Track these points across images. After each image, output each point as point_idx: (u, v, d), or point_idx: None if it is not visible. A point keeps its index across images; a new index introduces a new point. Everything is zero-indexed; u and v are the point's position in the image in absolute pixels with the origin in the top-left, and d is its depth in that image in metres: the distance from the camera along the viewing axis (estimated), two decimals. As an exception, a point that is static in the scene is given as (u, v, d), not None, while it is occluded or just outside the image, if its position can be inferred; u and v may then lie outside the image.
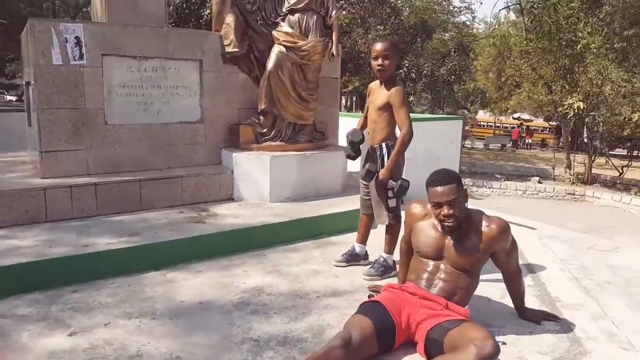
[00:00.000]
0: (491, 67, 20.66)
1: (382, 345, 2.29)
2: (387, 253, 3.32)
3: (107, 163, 4.19)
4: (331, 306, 2.87)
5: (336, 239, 4.08)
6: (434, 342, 2.27)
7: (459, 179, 2.48)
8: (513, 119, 34.53)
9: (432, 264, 2.58)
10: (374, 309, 2.38)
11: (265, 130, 4.70)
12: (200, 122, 4.62)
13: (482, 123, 36.32)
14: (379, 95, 3.17)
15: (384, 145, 3.18)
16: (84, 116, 4.03)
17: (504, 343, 2.49)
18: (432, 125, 5.87)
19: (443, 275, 2.53)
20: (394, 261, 3.35)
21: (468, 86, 17.70)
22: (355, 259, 3.48)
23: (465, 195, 2.48)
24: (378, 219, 3.26)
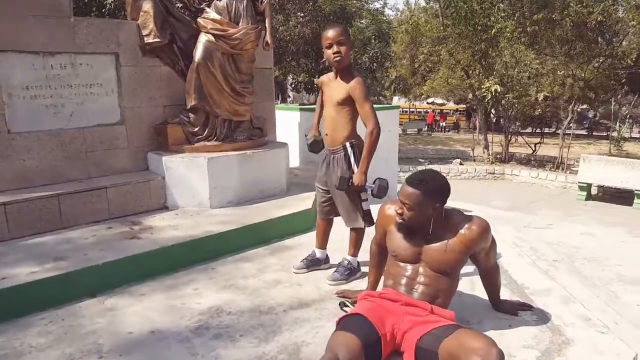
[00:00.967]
0: (404, 54, 21.12)
1: None
2: (352, 255, 3.08)
3: (16, 178, 3.57)
4: (301, 319, 2.58)
5: (290, 242, 3.78)
6: (425, 352, 2.07)
7: (431, 190, 2.24)
8: (427, 103, 35.81)
9: (411, 267, 2.38)
10: (357, 324, 2.12)
11: (197, 129, 4.26)
12: (121, 124, 4.10)
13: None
14: (336, 88, 2.87)
15: (348, 145, 2.88)
16: (-20, 125, 3.41)
17: None
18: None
19: (423, 278, 2.35)
20: (359, 263, 3.13)
21: (390, 73, 17.94)
22: (316, 263, 3.21)
23: (432, 207, 2.24)
24: (350, 223, 2.99)
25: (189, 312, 2.65)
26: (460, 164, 14.81)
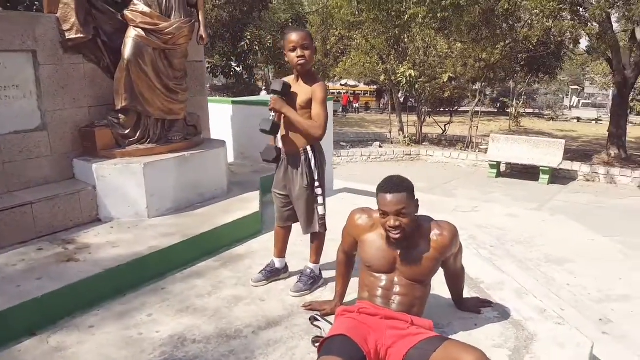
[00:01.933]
0: (315, 35, 21.01)
1: None
2: (314, 263, 3.00)
3: None
4: (273, 341, 2.47)
5: (240, 250, 3.61)
6: (414, 368, 2.05)
7: (411, 188, 2.25)
8: (340, 85, 36.23)
9: (385, 277, 2.36)
10: (342, 345, 2.06)
11: (128, 132, 3.91)
12: (42, 129, 3.65)
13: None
14: (298, 93, 2.74)
15: (309, 148, 2.79)
16: None
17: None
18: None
19: (398, 288, 2.34)
20: (321, 270, 3.05)
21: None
22: (275, 274, 3.09)
23: (416, 205, 2.26)
24: (308, 229, 2.90)
25: (149, 344, 2.43)
26: (380, 146, 15.18)
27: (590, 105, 34.57)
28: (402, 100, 19.46)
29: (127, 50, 3.67)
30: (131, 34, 3.70)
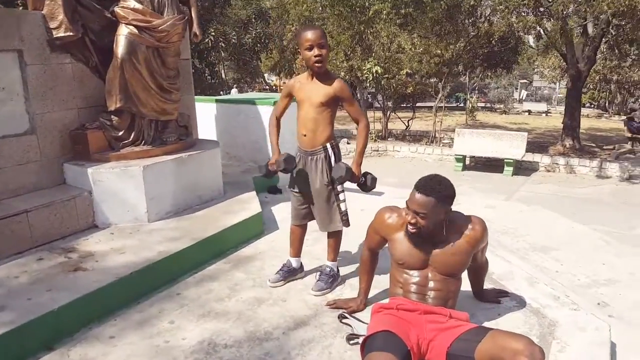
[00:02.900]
0: (273, 31, 20.82)
1: None
2: (332, 261, 2.98)
3: None
4: (307, 340, 2.44)
5: (248, 251, 3.54)
6: (459, 359, 2.07)
7: (443, 196, 2.22)
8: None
9: (419, 273, 2.37)
10: (388, 341, 2.06)
11: (122, 134, 3.76)
12: (31, 133, 3.45)
13: (275, 87, 37.17)
14: (315, 90, 2.73)
15: (328, 145, 2.80)
16: None
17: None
18: (295, 105, 5.53)
19: (433, 284, 2.35)
20: (338, 268, 3.04)
21: (274, 55, 17.55)
22: (292, 274, 3.05)
23: (445, 212, 2.24)
24: (329, 226, 2.88)
25: (179, 352, 2.34)
26: (347, 143, 15.23)
27: (534, 99, 36.10)
28: (369, 97, 19.58)
29: (120, 48, 3.52)
30: (123, 31, 3.56)
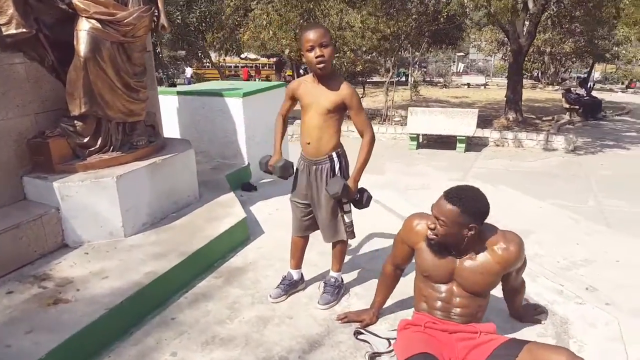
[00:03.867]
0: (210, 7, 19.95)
1: None
2: (337, 271, 2.84)
3: None
4: (327, 364, 2.29)
5: (237, 261, 3.32)
6: (497, 375, 2.01)
7: (470, 210, 2.06)
8: (240, 58, 35.09)
9: (445, 288, 2.25)
10: (428, 362, 1.95)
11: (87, 140, 3.40)
12: (-18, 145, 3.05)
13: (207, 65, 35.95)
14: (321, 95, 2.52)
15: (334, 154, 2.61)
16: None
17: None
18: (265, 96, 5.26)
19: (458, 300, 2.23)
20: (343, 279, 2.90)
21: (217, 34, 16.73)
22: (293, 287, 2.89)
23: (469, 227, 2.08)
24: (334, 237, 2.71)
25: (192, 391, 2.14)
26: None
27: (471, 70, 37.29)
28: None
29: (83, 46, 3.14)
30: (84, 26, 3.16)
